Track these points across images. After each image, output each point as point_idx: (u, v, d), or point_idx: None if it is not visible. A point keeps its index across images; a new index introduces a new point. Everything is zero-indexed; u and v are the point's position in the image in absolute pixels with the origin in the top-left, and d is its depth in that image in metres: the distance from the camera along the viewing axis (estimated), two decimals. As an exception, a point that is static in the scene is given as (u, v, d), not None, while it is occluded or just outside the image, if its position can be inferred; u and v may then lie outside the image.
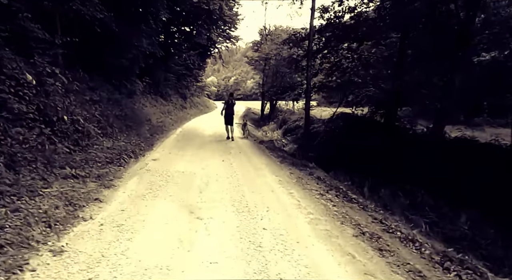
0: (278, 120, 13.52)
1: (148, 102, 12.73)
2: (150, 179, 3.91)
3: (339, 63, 8.95)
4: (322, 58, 8.74)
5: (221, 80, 78.40)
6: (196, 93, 23.75)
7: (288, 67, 14.68)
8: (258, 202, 3.19)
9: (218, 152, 6.17)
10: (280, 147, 7.61)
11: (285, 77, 15.42)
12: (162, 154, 5.70)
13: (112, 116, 6.13)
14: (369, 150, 7.04)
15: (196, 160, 5.32)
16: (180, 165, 4.80)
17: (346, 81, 9.08)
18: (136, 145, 5.86)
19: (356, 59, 8.74)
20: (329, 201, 3.31)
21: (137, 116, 8.70)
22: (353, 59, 8.77)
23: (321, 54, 8.44)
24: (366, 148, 7.06)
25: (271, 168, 4.88)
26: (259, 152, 6.51)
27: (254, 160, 5.56)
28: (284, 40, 7.94)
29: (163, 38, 15.64)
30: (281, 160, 5.68)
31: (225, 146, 7.03)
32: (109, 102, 6.30)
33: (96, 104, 5.52)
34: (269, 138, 11.11)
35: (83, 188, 3.20)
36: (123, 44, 8.49)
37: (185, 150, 6.19)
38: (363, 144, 7.20)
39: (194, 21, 16.01)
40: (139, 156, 5.23)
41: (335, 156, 7.03)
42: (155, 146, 6.52)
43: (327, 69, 8.84)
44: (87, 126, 4.59)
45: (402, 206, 4.40)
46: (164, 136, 8.18)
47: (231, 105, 8.12)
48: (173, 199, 3.20)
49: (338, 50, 7.92)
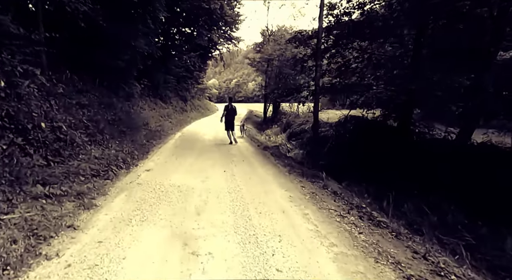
0: (282, 123, 12.96)
1: (147, 105, 12.25)
2: (141, 195, 3.36)
3: (347, 63, 8.40)
4: (330, 58, 8.21)
5: (223, 82, 78.20)
6: (197, 96, 23.31)
7: (292, 68, 14.17)
8: (268, 227, 2.62)
9: (219, 161, 5.62)
10: (286, 154, 7.05)
11: (289, 79, 14.90)
12: (158, 163, 5.16)
13: (104, 121, 5.60)
14: (384, 156, 6.45)
15: (195, 170, 4.76)
16: (176, 177, 4.25)
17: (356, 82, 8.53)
18: (129, 153, 5.32)
19: (366, 59, 8.18)
20: (353, 225, 2.73)
21: (133, 120, 8.19)
22: (363, 59, 8.22)
23: (329, 53, 7.91)
24: (380, 155, 6.47)
25: (279, 181, 4.32)
26: (264, 160, 5.95)
27: (259, 170, 4.99)
28: (290, 39, 7.42)
29: (162, 39, 15.23)
30: (289, 170, 5.11)
31: (227, 153, 6.48)
32: (100, 106, 5.78)
33: (84, 109, 5.00)
34: (273, 142, 10.55)
35: (56, 210, 2.65)
36: (119, 45, 8.02)
37: (184, 158, 5.65)
38: (377, 150, 6.62)
39: (194, 22, 15.58)
40: (131, 166, 4.69)
41: (347, 164, 6.45)
42: (150, 153, 5.98)
43: (335, 69, 8.29)
44: (71, 133, 4.06)
45: (432, 224, 3.80)
46: (162, 142, 7.65)
47: (231, 111, 7.79)
48: (165, 224, 2.64)
49: (347, 49, 7.37)
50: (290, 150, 9.31)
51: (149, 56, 11.71)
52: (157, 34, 13.04)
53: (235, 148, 7.24)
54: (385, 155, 6.48)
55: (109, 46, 7.29)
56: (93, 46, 6.34)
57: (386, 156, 6.47)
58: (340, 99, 19.34)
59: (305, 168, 5.50)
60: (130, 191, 3.52)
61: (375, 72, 8.44)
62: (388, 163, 6.30)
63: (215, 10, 13.83)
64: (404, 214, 4.20)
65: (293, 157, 6.84)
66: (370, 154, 6.70)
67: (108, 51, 7.38)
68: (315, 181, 4.43)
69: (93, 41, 6.22)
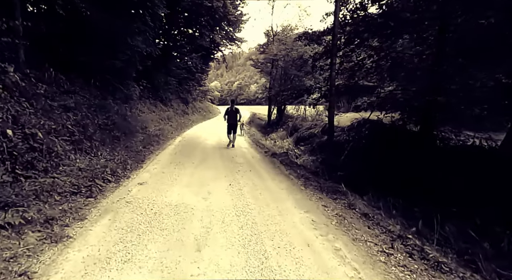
0: (288, 126, 12.29)
1: (146, 107, 11.68)
2: (128, 220, 2.70)
3: (361, 63, 7.73)
4: (343, 57, 7.56)
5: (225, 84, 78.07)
6: (199, 98, 22.78)
7: (298, 69, 13.55)
8: (292, 273, 1.95)
9: (223, 170, 4.96)
10: (296, 162, 6.37)
11: (294, 80, 14.27)
12: (154, 173, 4.50)
13: (93, 126, 4.98)
14: (405, 165, 5.74)
15: (195, 183, 4.10)
16: (174, 193, 3.59)
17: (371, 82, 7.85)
18: (122, 162, 4.68)
19: (382, 58, 7.50)
20: (406, 269, 2.04)
21: (130, 124, 7.57)
22: (379, 57, 7.53)
23: (341, 52, 7.25)
24: (401, 163, 5.76)
25: (295, 197, 3.64)
26: (273, 170, 5.28)
27: (269, 182, 4.32)
28: (300, 35, 6.79)
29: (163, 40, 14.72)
30: (304, 182, 4.44)
31: (231, 161, 5.82)
32: (90, 109, 5.16)
33: (70, 112, 4.38)
34: (279, 147, 9.88)
35: (10, 248, 2.00)
36: (115, 43, 7.46)
37: (183, 168, 5.00)
38: (397, 158, 5.92)
39: (196, 22, 15.06)
40: (122, 179, 4.03)
41: (365, 173, 5.75)
42: (146, 162, 5.34)
43: (348, 69, 7.63)
44: (48, 141, 3.43)
45: (485, 254, 3.10)
46: (160, 147, 7.01)
47: (232, 114, 7.53)
48: (154, 267, 1.98)
49: (362, 47, 6.72)
50: (299, 156, 8.63)
51: (149, 56, 11.16)
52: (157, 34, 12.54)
53: (240, 155, 6.59)
54: (407, 164, 5.77)
55: (102, 44, 6.72)
56: (84, 43, 5.76)
57: (408, 165, 5.77)
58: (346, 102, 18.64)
59: (322, 180, 4.81)
60: (116, 213, 2.86)
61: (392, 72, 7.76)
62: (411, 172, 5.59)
63: (217, 9, 13.28)
64: (447, 240, 3.49)
65: (305, 165, 6.16)
66: (390, 162, 6.00)
67: (102, 50, 6.81)
68: (337, 197, 3.74)
69: (84, 38, 5.64)
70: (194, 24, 15.42)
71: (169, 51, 15.12)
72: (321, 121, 10.77)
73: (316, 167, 5.57)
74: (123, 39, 7.57)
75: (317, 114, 12.16)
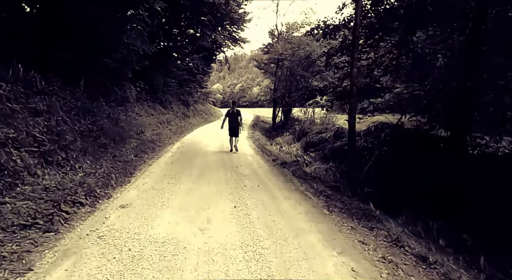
0: (295, 130, 11.45)
1: (144, 110, 10.95)
2: (91, 273, 1.89)
3: (379, 60, 6.91)
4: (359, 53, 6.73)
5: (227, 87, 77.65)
6: (200, 100, 22.08)
7: (305, 69, 12.76)
8: None
9: (226, 185, 4.14)
10: (311, 173, 5.53)
11: (301, 81, 13.48)
12: (142, 191, 3.71)
13: (73, 133, 4.21)
14: (439, 177, 4.87)
15: (192, 204, 3.29)
16: (163, 220, 2.79)
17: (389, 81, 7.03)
18: (105, 176, 3.90)
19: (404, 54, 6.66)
20: None
21: (122, 129, 6.82)
22: (400, 53, 6.69)
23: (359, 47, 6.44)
24: (435, 175, 4.90)
25: (320, 227, 2.80)
26: (285, 184, 4.45)
27: (283, 203, 3.49)
28: (312, 29, 6.00)
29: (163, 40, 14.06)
30: (326, 202, 3.60)
31: (236, 172, 5.00)
32: (70, 113, 4.40)
33: (40, 116, 3.61)
34: (286, 152, 9.05)
35: None
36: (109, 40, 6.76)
37: (179, 182, 4.20)
38: (428, 169, 5.05)
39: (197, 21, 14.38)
40: (101, 200, 3.24)
41: (392, 187, 4.89)
42: (136, 174, 4.55)
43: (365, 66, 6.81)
44: (2, 154, 2.65)
45: None
46: (155, 155, 6.23)
47: (233, 116, 7.08)
48: None
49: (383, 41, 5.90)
50: (309, 164, 7.78)
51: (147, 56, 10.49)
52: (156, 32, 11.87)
53: (245, 164, 5.77)
54: (438, 175, 4.90)
55: (91, 40, 6.00)
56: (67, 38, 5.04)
57: (441, 176, 4.90)
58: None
59: (345, 197, 3.97)
60: (79, 257, 2.06)
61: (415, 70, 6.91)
62: (445, 184, 4.72)
63: (219, 6, 12.59)
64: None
65: (321, 177, 5.31)
66: (419, 173, 5.13)
67: (91, 46, 6.10)
68: (373, 226, 2.90)
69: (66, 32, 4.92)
70: (195, 23, 14.75)
71: (169, 51, 14.45)
72: (332, 124, 9.93)
73: (335, 180, 4.74)
74: (116, 36, 6.86)
75: (326, 117, 11.31)
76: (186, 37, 15.69)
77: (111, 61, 7.22)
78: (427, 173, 5.13)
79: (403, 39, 6.48)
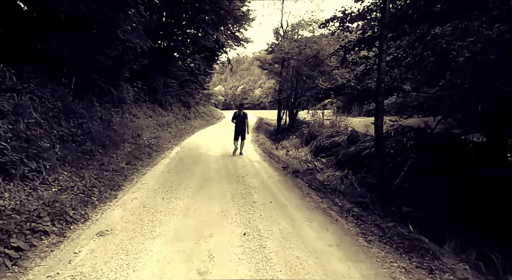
0: (302, 134, 10.74)
1: (143, 112, 10.29)
2: None
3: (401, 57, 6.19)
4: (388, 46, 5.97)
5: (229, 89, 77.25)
6: (202, 102, 21.47)
7: (312, 68, 12.09)
8: None
9: (232, 202, 3.43)
10: (328, 184, 4.79)
11: (307, 81, 12.80)
12: (129, 210, 3.01)
13: (50, 138, 3.53)
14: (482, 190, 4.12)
15: (189, 231, 2.58)
16: (150, 259, 2.08)
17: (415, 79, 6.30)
18: (84, 191, 3.21)
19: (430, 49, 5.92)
20: None
21: (116, 133, 6.14)
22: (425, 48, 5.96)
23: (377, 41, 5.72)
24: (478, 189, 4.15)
25: (363, 269, 2.08)
26: (302, 201, 3.72)
27: (305, 229, 2.77)
28: (327, 20, 5.30)
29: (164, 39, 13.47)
30: (358, 226, 2.88)
31: (242, 183, 4.29)
32: (48, 114, 3.72)
33: (3, 118, 2.93)
34: (293, 157, 8.34)
35: None
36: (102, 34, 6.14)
37: (175, 197, 3.49)
38: (468, 181, 4.31)
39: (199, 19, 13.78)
40: (73, 225, 2.54)
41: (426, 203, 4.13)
42: (126, 186, 3.86)
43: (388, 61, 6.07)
44: None
45: None
46: (151, 162, 5.54)
47: (240, 118, 6.70)
48: None
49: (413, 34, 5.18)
50: (321, 170, 7.05)
51: (145, 55, 9.88)
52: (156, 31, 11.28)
53: (252, 173, 5.06)
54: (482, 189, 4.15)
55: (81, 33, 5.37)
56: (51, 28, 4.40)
57: (480, 189, 4.14)
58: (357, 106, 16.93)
59: (376, 216, 3.24)
60: None
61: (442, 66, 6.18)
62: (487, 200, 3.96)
63: (222, 2, 11.98)
64: None
65: (341, 189, 4.58)
66: (452, 185, 4.37)
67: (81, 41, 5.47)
68: (434, 267, 2.16)
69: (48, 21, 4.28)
70: (197, 22, 14.15)
71: (170, 51, 13.85)
72: (344, 127, 9.22)
73: (360, 194, 4.00)
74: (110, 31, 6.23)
75: (336, 120, 10.60)
76: (187, 36, 15.10)
77: (104, 57, 6.59)
78: (464, 185, 4.36)
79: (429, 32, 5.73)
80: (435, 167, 4.86)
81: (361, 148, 6.90)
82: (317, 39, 11.05)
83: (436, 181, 4.56)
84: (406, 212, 3.31)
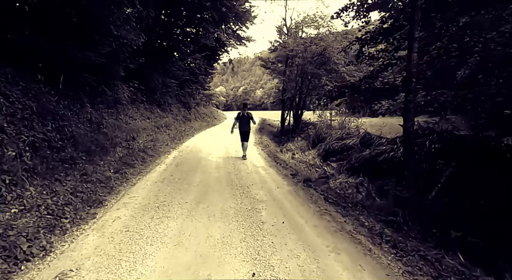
0: (308, 136, 10.10)
1: (140, 113, 9.69)
2: None
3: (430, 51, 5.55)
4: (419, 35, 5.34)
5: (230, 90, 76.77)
6: (203, 103, 20.88)
7: (318, 67, 11.47)
8: None
9: (235, 223, 2.80)
10: (348, 197, 4.16)
11: (313, 80, 12.19)
12: (107, 237, 2.39)
13: (16, 146, 2.92)
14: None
15: (180, 268, 1.96)
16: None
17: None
18: (54, 211, 2.59)
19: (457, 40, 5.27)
20: None
21: (105, 136, 5.54)
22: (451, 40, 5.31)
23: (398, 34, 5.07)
24: None
25: None
26: (321, 219, 3.08)
27: (332, 264, 2.13)
28: (341, 9, 4.67)
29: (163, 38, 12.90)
30: (399, 258, 2.25)
31: (247, 196, 3.65)
32: (15, 116, 3.12)
33: None
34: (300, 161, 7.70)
35: None
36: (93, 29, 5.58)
37: (168, 216, 2.87)
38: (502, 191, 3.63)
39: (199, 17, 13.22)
40: (27, 262, 1.92)
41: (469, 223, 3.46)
42: (109, 202, 3.24)
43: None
44: None
45: None
46: (144, 170, 4.93)
47: (245, 119, 6.29)
48: None
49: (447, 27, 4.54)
50: (332, 176, 6.40)
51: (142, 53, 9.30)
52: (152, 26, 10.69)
53: (257, 182, 4.42)
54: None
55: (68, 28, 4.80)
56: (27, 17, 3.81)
57: None
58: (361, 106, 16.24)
59: (417, 243, 2.59)
60: None
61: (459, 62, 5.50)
62: None
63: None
64: None
65: (358, 199, 3.95)
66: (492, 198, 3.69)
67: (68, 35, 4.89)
68: None
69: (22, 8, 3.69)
70: (197, 20, 13.58)
71: (169, 50, 13.27)
72: (356, 129, 8.55)
73: (388, 210, 3.36)
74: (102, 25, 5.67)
75: (346, 121, 9.94)
76: (187, 35, 14.53)
77: (95, 54, 5.99)
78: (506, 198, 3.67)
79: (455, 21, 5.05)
80: (469, 176, 4.17)
81: (377, 152, 6.22)
82: (323, 35, 10.45)
83: (477, 194, 3.87)
84: (455, 237, 2.65)
